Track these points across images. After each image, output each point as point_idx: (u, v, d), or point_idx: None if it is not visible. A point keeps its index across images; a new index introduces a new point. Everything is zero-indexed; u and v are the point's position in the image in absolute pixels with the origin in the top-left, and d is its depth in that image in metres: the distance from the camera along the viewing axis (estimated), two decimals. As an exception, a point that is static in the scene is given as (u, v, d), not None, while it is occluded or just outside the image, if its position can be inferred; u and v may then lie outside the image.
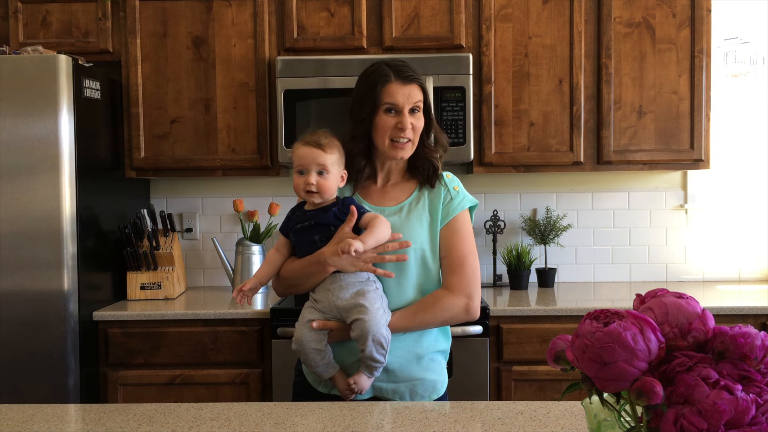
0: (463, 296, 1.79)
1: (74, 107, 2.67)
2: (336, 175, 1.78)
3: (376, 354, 1.70)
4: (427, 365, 1.82)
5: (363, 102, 1.81)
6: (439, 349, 1.86)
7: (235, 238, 3.38)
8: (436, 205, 1.83)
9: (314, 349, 1.74)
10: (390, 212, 1.83)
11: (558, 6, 3.03)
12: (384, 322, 1.72)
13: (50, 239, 2.62)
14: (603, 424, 0.99)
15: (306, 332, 1.75)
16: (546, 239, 3.25)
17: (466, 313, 1.81)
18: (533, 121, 3.04)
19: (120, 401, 2.76)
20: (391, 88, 1.78)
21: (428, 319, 1.79)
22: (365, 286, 1.75)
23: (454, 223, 1.82)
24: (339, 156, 1.78)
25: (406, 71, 1.81)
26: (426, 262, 1.81)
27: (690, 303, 0.91)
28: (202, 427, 1.42)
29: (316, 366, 1.76)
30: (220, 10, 3.05)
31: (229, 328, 2.76)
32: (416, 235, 1.80)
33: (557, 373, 2.68)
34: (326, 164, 1.75)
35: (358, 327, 1.70)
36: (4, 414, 1.53)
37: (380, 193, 1.87)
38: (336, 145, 1.78)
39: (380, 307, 1.73)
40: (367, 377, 1.74)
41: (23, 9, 3.07)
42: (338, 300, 1.74)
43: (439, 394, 1.84)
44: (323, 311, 1.77)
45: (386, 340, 1.71)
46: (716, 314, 1.89)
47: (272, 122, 3.05)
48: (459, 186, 1.87)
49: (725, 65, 3.38)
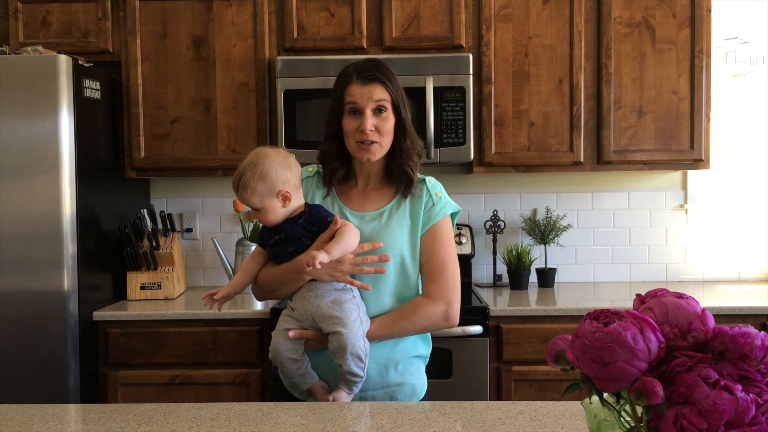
0: (443, 303, 1.77)
1: (74, 107, 2.67)
2: (269, 205, 1.73)
3: (355, 368, 1.66)
4: (404, 369, 1.79)
5: (331, 104, 1.80)
6: (417, 354, 1.83)
7: (235, 238, 3.38)
8: (417, 211, 1.80)
9: (290, 359, 1.71)
10: (370, 218, 1.80)
11: (558, 6, 3.03)
12: (361, 334, 1.68)
13: (50, 239, 2.62)
14: (603, 424, 0.99)
15: (282, 341, 1.72)
16: (546, 239, 3.25)
17: (445, 320, 1.78)
18: (533, 121, 3.04)
19: (120, 401, 2.76)
20: (352, 88, 1.75)
21: (407, 327, 1.76)
22: (341, 294, 1.71)
23: (435, 229, 1.79)
24: (267, 184, 1.71)
25: (368, 71, 1.76)
26: (405, 269, 1.78)
27: (690, 303, 0.91)
28: (202, 427, 1.42)
29: (293, 376, 1.72)
30: (220, 10, 3.05)
31: (229, 328, 2.76)
32: (396, 240, 1.77)
33: (557, 373, 2.68)
34: (253, 204, 1.73)
35: (335, 340, 1.67)
36: (4, 414, 1.53)
37: (361, 198, 1.84)
38: (259, 174, 1.70)
39: (357, 317, 1.69)
40: (347, 393, 1.70)
41: (23, 9, 3.07)
42: (314, 308, 1.70)
43: (419, 397, 1.82)
44: (299, 320, 1.73)
45: (364, 353, 1.68)
46: (716, 314, 1.89)
47: (272, 122, 3.05)
48: (441, 191, 1.84)
49: (725, 65, 3.38)
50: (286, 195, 1.73)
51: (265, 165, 1.71)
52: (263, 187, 1.71)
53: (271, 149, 1.77)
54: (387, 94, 1.75)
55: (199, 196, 3.46)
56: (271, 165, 1.72)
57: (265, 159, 1.72)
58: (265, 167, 1.71)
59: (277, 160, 1.73)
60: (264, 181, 1.71)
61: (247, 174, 1.71)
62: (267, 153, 1.74)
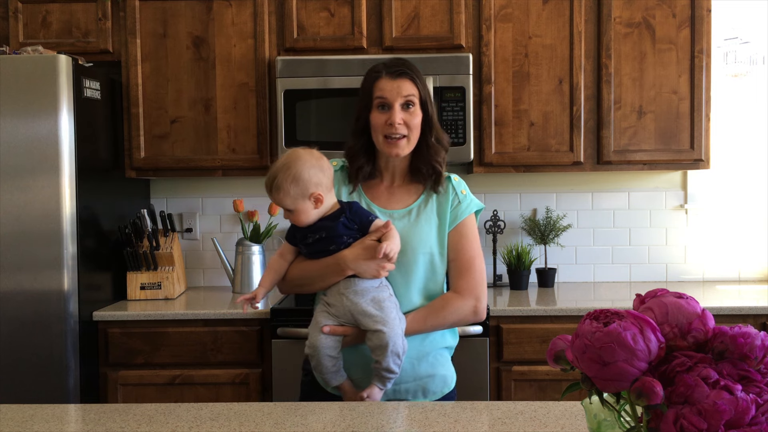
0: (472, 298, 1.82)
1: (74, 107, 2.67)
2: (301, 207, 1.75)
3: (393, 365, 1.70)
4: (434, 361, 1.84)
5: (360, 100, 1.83)
6: (446, 345, 1.88)
7: (235, 238, 3.38)
8: (444, 209, 1.84)
9: (329, 356, 1.74)
10: (399, 215, 1.83)
11: (558, 6, 3.02)
12: (401, 332, 1.73)
13: (50, 239, 2.62)
14: (603, 424, 0.99)
15: (322, 338, 1.74)
16: (546, 239, 3.25)
17: (474, 315, 1.84)
18: (533, 121, 3.04)
19: (120, 401, 2.76)
20: (381, 83, 1.79)
21: (438, 322, 1.81)
22: (380, 292, 1.75)
23: (461, 227, 1.84)
24: (300, 187, 1.73)
25: (397, 66, 1.81)
26: (434, 266, 1.82)
27: (690, 303, 0.91)
28: (202, 427, 1.42)
29: (327, 372, 1.76)
30: (220, 10, 3.05)
31: (229, 328, 2.76)
32: (426, 238, 1.81)
33: (557, 373, 2.68)
34: (286, 206, 1.76)
35: (376, 338, 1.70)
36: (4, 414, 1.53)
37: (387, 195, 1.87)
38: (292, 177, 1.73)
39: (396, 316, 1.74)
40: (380, 389, 1.74)
41: (23, 9, 3.07)
42: (353, 305, 1.73)
43: (450, 388, 1.87)
44: (337, 315, 1.76)
45: (403, 351, 1.72)
46: (716, 314, 1.89)
47: (272, 122, 3.05)
48: (466, 190, 1.88)
49: (725, 65, 3.38)
50: (318, 197, 1.75)
51: (298, 167, 1.74)
52: (296, 189, 1.74)
53: (304, 151, 1.79)
54: (415, 90, 1.80)
55: (199, 196, 3.46)
56: (304, 167, 1.74)
57: (298, 161, 1.74)
58: (298, 170, 1.73)
59: (310, 162, 1.75)
60: (297, 184, 1.73)
61: (280, 176, 1.74)
62: (300, 155, 1.76)
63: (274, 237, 3.37)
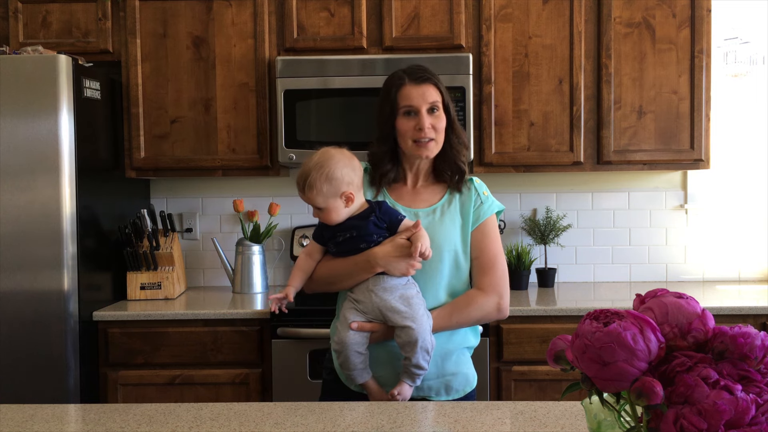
0: (495, 295, 1.86)
1: (74, 107, 2.67)
2: (332, 205, 1.78)
3: (422, 361, 1.73)
4: (458, 359, 1.87)
5: (383, 107, 1.87)
6: (468, 345, 1.91)
7: (235, 238, 3.38)
8: (467, 209, 1.88)
9: (357, 352, 1.76)
10: (424, 214, 1.87)
11: (558, 6, 3.02)
12: (428, 329, 1.75)
13: (50, 239, 2.62)
14: (603, 424, 0.99)
15: (351, 334, 1.76)
16: (546, 239, 3.25)
17: (498, 312, 1.87)
18: (533, 121, 3.04)
19: (120, 401, 2.76)
20: (406, 90, 1.84)
21: (463, 318, 1.84)
22: (408, 290, 1.77)
23: (484, 226, 1.88)
24: (333, 186, 1.76)
25: (420, 72, 1.86)
26: (459, 264, 1.86)
27: (690, 303, 0.91)
28: (202, 427, 1.42)
29: (354, 369, 1.77)
30: (220, 10, 3.05)
31: (229, 328, 2.76)
32: (450, 236, 1.85)
33: (557, 373, 2.68)
34: (317, 204, 1.78)
35: (405, 334, 1.72)
36: (4, 414, 1.53)
37: (411, 195, 1.91)
38: (325, 176, 1.76)
39: (424, 313, 1.76)
40: (409, 386, 1.76)
41: (23, 9, 3.07)
42: (382, 302, 1.75)
43: (472, 386, 1.90)
44: (365, 312, 1.78)
45: (432, 347, 1.75)
46: (716, 314, 1.88)
47: (272, 122, 3.05)
48: (487, 191, 1.93)
49: (725, 65, 3.38)
50: (349, 196, 1.78)
51: (330, 166, 1.77)
52: (329, 188, 1.76)
53: (335, 150, 1.82)
54: (439, 95, 1.86)
55: (199, 196, 3.46)
56: (337, 166, 1.77)
57: (331, 160, 1.77)
58: (331, 168, 1.76)
59: (343, 162, 1.78)
60: (330, 183, 1.76)
61: (313, 174, 1.76)
62: (333, 154, 1.79)
63: (274, 237, 3.37)
